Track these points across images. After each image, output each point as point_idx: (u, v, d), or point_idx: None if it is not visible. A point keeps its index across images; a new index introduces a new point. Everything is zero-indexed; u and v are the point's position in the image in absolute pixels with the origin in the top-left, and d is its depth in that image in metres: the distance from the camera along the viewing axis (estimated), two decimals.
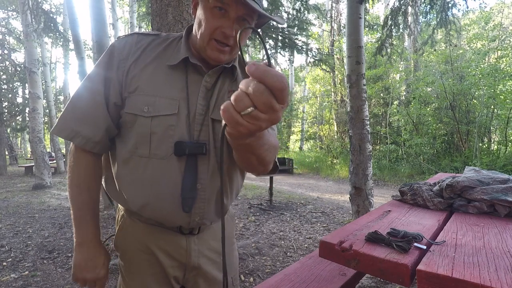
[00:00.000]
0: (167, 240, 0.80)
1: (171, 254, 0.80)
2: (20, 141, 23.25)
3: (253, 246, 3.26)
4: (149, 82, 0.73)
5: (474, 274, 0.73)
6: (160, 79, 0.74)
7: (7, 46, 12.69)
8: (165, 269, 0.81)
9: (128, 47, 0.75)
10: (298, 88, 23.41)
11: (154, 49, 0.77)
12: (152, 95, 0.73)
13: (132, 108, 0.73)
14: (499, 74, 7.52)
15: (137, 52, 0.75)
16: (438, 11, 4.46)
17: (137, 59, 0.75)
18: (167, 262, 0.80)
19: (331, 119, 13.62)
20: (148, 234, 0.80)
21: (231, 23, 0.69)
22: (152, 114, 0.72)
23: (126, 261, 0.83)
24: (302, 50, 6.15)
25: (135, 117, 0.72)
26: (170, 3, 2.39)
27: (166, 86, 0.74)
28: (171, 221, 0.78)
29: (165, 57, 0.76)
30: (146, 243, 0.80)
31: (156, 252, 0.80)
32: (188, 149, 0.72)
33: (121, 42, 0.76)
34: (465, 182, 1.44)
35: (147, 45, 0.77)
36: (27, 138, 18.59)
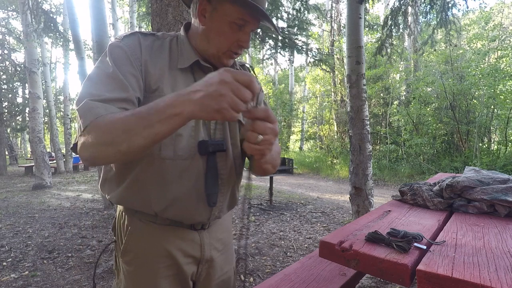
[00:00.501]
0: (182, 238, 0.81)
1: (187, 251, 0.82)
2: (20, 141, 23.25)
3: (253, 246, 3.26)
4: (168, 83, 0.74)
5: (474, 274, 0.73)
6: (175, 80, 0.75)
7: (7, 46, 12.70)
8: (183, 268, 0.81)
9: (137, 46, 0.73)
10: (298, 88, 23.41)
11: (160, 50, 0.77)
12: None
13: None
14: (499, 74, 7.52)
15: (147, 52, 0.74)
16: (438, 11, 4.46)
17: (150, 59, 0.74)
18: (183, 260, 0.81)
19: (331, 119, 13.62)
20: (164, 235, 0.80)
21: (247, 37, 0.75)
22: None
23: (137, 265, 0.79)
24: (302, 50, 6.15)
25: None
26: (170, 3, 2.39)
27: (181, 87, 0.74)
28: (193, 218, 0.80)
29: (173, 59, 0.77)
30: (163, 245, 0.79)
31: (174, 252, 0.80)
32: (211, 147, 0.76)
33: (129, 41, 0.73)
34: (465, 182, 1.44)
35: (152, 45, 0.76)
36: (27, 138, 18.59)
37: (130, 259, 0.79)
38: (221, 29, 0.74)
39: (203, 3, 0.74)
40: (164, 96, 0.58)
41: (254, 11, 0.72)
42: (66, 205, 5.41)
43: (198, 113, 0.54)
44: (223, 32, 0.74)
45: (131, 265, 0.79)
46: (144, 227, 0.79)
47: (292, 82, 17.06)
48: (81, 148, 0.61)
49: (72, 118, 12.90)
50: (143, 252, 0.79)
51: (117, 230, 0.84)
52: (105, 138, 0.58)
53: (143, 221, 0.79)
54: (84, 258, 2.96)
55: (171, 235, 0.80)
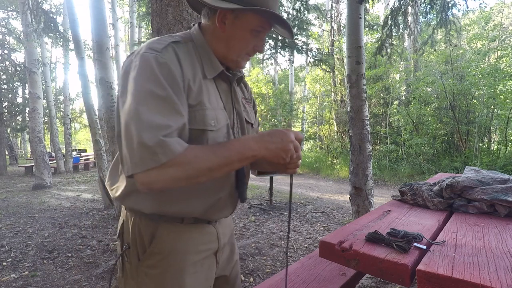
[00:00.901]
0: (204, 233, 0.86)
1: (208, 245, 0.87)
2: (20, 141, 23.24)
3: (253, 246, 3.26)
4: (206, 95, 0.76)
5: (474, 274, 0.73)
6: (208, 91, 0.78)
7: (7, 46, 12.69)
8: (206, 262, 0.86)
9: (176, 60, 0.72)
10: (298, 88, 23.40)
11: (190, 58, 0.77)
12: (212, 109, 0.77)
13: (200, 123, 0.74)
14: (499, 74, 7.52)
15: (186, 64, 0.74)
16: (438, 11, 4.46)
17: (188, 71, 0.74)
18: (206, 253, 0.86)
19: (331, 119, 13.62)
20: (190, 233, 0.83)
21: (263, 42, 0.84)
22: (218, 127, 0.77)
23: (163, 267, 0.79)
24: (302, 50, 6.15)
25: (203, 132, 0.74)
26: (170, 3, 2.39)
27: (213, 97, 0.79)
28: (223, 215, 0.88)
29: (200, 68, 0.79)
30: (190, 242, 0.82)
31: (200, 248, 0.84)
32: None
33: (169, 56, 0.72)
34: (465, 182, 1.44)
35: (185, 55, 0.76)
36: (27, 138, 18.58)
37: (156, 262, 0.79)
38: (242, 36, 0.79)
39: (224, 13, 0.77)
40: (240, 138, 0.74)
41: (272, 18, 0.79)
42: (66, 205, 5.41)
43: (269, 157, 0.72)
44: (244, 39, 0.80)
45: (157, 267, 0.79)
46: (171, 228, 0.80)
47: (292, 82, 17.05)
48: (156, 180, 0.65)
49: (72, 118, 12.89)
50: (171, 252, 0.79)
51: (132, 237, 0.81)
52: (190, 173, 0.66)
53: (169, 223, 0.80)
54: (84, 258, 2.96)
55: (195, 232, 0.83)
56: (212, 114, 0.76)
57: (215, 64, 0.81)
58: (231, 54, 0.81)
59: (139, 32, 11.31)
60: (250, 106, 0.98)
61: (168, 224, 0.80)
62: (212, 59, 0.81)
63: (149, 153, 0.62)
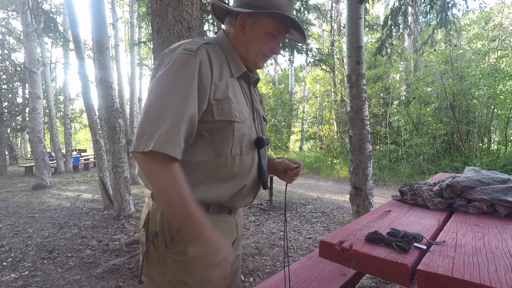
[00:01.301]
0: (226, 221, 0.94)
1: (229, 234, 0.94)
2: (20, 141, 23.23)
3: (253, 246, 3.26)
4: (232, 91, 0.87)
5: (474, 274, 0.73)
6: (234, 88, 0.89)
7: (7, 46, 12.69)
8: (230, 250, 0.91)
9: (207, 61, 0.82)
10: (298, 88, 23.39)
11: (219, 58, 0.87)
12: (238, 103, 0.87)
13: (227, 115, 0.83)
14: (499, 74, 7.51)
15: (216, 64, 0.84)
16: (438, 11, 4.46)
17: (218, 70, 0.84)
18: (230, 244, 0.92)
19: (331, 119, 13.61)
20: (214, 221, 0.86)
21: (279, 44, 0.94)
22: (242, 119, 0.87)
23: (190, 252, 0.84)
24: (302, 50, 6.15)
25: (230, 123, 0.84)
26: (170, 3, 2.39)
27: (238, 93, 0.90)
28: (247, 203, 0.96)
29: (227, 67, 0.89)
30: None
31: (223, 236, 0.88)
32: (265, 141, 0.94)
33: (203, 55, 0.81)
34: (465, 182, 1.44)
35: (214, 55, 0.86)
36: (27, 138, 18.57)
37: (183, 248, 0.84)
38: (260, 38, 0.90)
39: (244, 16, 0.88)
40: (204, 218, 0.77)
41: (287, 23, 0.89)
42: (66, 205, 5.41)
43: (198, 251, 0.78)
44: (261, 41, 0.90)
45: (184, 254, 0.84)
46: None
47: (292, 82, 17.05)
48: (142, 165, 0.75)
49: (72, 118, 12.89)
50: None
51: (160, 226, 0.86)
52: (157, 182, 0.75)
53: None
54: (84, 258, 2.96)
55: (219, 221, 0.90)
56: (237, 108, 0.86)
57: (240, 64, 0.92)
58: (250, 55, 0.91)
59: (139, 32, 11.30)
60: (263, 106, 1.11)
61: None
62: (237, 60, 0.92)
63: (149, 141, 0.71)
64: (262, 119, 1.03)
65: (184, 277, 0.85)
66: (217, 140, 0.84)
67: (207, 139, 0.84)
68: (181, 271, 0.85)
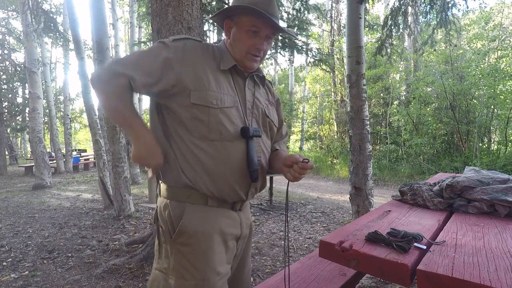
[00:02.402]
0: (228, 216, 0.98)
1: (232, 228, 0.98)
2: (20, 141, 23.23)
3: (253, 246, 3.26)
4: (213, 81, 0.94)
5: (474, 274, 0.73)
6: (219, 79, 0.96)
7: (7, 46, 12.69)
8: (229, 244, 0.97)
9: (182, 49, 0.94)
10: (298, 88, 23.39)
11: (204, 53, 0.97)
12: (219, 92, 0.94)
13: (203, 101, 0.91)
14: (499, 74, 7.51)
15: (193, 54, 0.95)
16: (438, 11, 4.46)
17: (196, 62, 0.94)
18: (230, 236, 0.97)
19: (331, 119, 13.61)
20: (215, 214, 0.95)
21: (262, 41, 0.97)
22: (220, 106, 0.92)
23: (192, 244, 0.91)
24: (302, 50, 6.15)
25: (206, 108, 0.91)
26: (170, 3, 2.39)
27: (224, 85, 0.96)
28: (237, 194, 0.97)
29: (216, 62, 0.98)
30: (215, 223, 0.94)
31: (224, 228, 0.95)
32: (252, 132, 0.95)
33: (177, 44, 0.94)
34: (465, 182, 1.44)
35: (198, 48, 0.96)
36: (27, 138, 18.57)
37: (185, 240, 0.91)
38: (240, 37, 0.96)
39: (228, 22, 0.99)
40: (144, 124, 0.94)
41: (263, 19, 0.92)
42: (66, 205, 5.41)
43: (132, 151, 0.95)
44: (241, 39, 0.96)
45: (188, 245, 0.91)
46: (197, 208, 0.94)
47: (292, 82, 17.05)
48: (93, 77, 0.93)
49: (72, 118, 12.89)
50: (198, 231, 0.91)
51: (165, 218, 0.94)
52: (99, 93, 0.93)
53: (195, 204, 0.94)
54: (84, 258, 2.96)
55: (219, 215, 0.96)
56: (215, 95, 0.92)
57: (230, 60, 0.99)
58: (236, 54, 0.98)
59: (139, 32, 11.30)
60: (272, 107, 1.13)
61: (193, 205, 0.93)
62: (228, 57, 0.99)
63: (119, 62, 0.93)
64: (265, 115, 1.06)
65: (188, 265, 0.90)
66: (197, 122, 0.92)
67: (186, 126, 0.93)
68: (185, 261, 0.91)
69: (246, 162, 0.95)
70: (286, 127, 1.29)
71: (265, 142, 1.06)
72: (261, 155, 1.02)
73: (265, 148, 1.05)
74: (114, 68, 0.91)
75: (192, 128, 0.93)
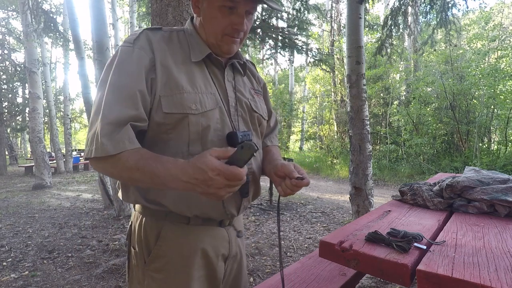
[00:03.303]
0: (213, 236, 0.81)
1: (218, 248, 0.82)
2: (20, 141, 23.24)
3: (253, 246, 3.26)
4: (185, 78, 0.74)
5: (474, 274, 0.73)
6: (192, 74, 0.76)
7: (7, 46, 12.69)
8: (214, 267, 0.81)
9: (148, 47, 0.74)
10: (298, 88, 23.40)
11: (169, 44, 0.77)
12: (196, 92, 0.74)
13: (179, 107, 0.71)
14: (499, 74, 7.52)
15: (159, 48, 0.74)
16: (438, 11, 4.46)
17: (163, 56, 0.74)
18: (215, 258, 0.81)
19: (331, 119, 13.62)
20: (198, 234, 0.79)
21: (241, 19, 0.74)
22: (201, 111, 0.73)
23: (169, 270, 0.76)
24: (302, 50, 6.14)
25: (184, 116, 0.71)
26: (170, 3, 2.39)
27: (199, 81, 0.76)
28: (226, 213, 0.80)
29: (184, 53, 0.78)
30: (198, 244, 0.78)
31: (208, 250, 0.79)
32: (240, 138, 0.76)
33: (140, 43, 0.73)
34: (465, 182, 1.44)
35: (161, 40, 0.77)
36: (27, 138, 18.58)
37: (161, 265, 0.76)
38: (212, 15, 0.74)
39: None
40: (177, 163, 0.63)
41: None
42: (66, 205, 5.41)
43: (189, 190, 0.63)
44: (215, 18, 0.74)
45: (162, 271, 0.76)
46: (178, 229, 0.77)
47: (292, 82, 17.05)
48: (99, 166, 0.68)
49: (72, 118, 12.89)
50: (177, 255, 0.76)
51: (137, 238, 0.79)
52: (123, 174, 0.67)
53: (175, 223, 0.77)
54: (84, 258, 2.96)
55: (203, 234, 0.79)
56: (193, 98, 0.73)
57: (202, 48, 0.79)
58: (209, 37, 0.78)
59: None
60: (259, 97, 0.94)
61: (173, 225, 0.76)
62: (200, 43, 0.79)
63: (99, 143, 0.64)
64: (252, 110, 0.86)
65: None
66: (172, 137, 0.73)
67: (163, 140, 0.74)
68: None
69: None
70: (275, 115, 1.09)
71: (256, 143, 0.85)
72: (252, 161, 0.85)
73: (258, 152, 0.89)
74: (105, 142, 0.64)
75: (165, 147, 0.73)
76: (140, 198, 0.76)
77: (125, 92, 0.68)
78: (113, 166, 0.66)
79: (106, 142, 0.63)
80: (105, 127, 0.64)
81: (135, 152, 0.65)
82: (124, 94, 0.68)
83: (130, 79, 0.69)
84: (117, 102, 0.67)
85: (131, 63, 0.71)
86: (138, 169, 0.63)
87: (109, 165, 0.66)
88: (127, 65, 0.70)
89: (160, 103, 0.71)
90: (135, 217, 0.82)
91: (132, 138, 0.66)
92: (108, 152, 0.63)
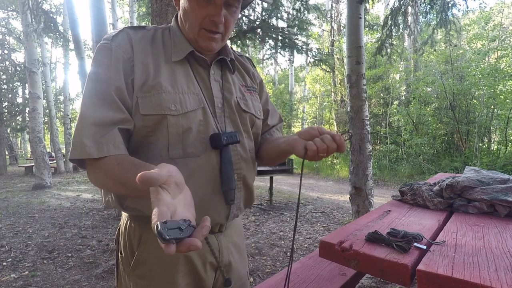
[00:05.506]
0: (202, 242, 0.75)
1: (205, 256, 0.77)
2: (20, 141, 23.25)
3: (253, 246, 3.26)
4: (166, 78, 0.70)
5: (474, 274, 0.73)
6: (174, 74, 0.72)
7: (7, 46, 12.69)
8: (201, 275, 0.76)
9: (128, 44, 0.71)
10: (298, 88, 23.41)
11: (152, 42, 0.74)
12: (176, 92, 0.70)
13: (157, 108, 0.67)
14: (499, 74, 7.52)
15: (139, 47, 0.71)
16: (438, 11, 4.46)
17: (143, 54, 0.71)
18: (202, 266, 0.76)
19: (331, 119, 13.62)
20: None
21: (219, 9, 0.68)
22: (181, 112, 0.69)
23: (152, 277, 0.73)
24: (302, 50, 6.14)
25: (163, 118, 0.68)
26: (170, 3, 2.39)
27: (181, 81, 0.72)
28: (212, 220, 0.73)
29: (167, 52, 0.74)
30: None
31: (193, 257, 0.74)
32: (225, 140, 0.72)
33: (118, 40, 0.70)
34: (465, 182, 1.44)
35: (143, 39, 0.73)
36: (27, 138, 18.58)
37: (144, 272, 0.73)
38: (189, 7, 0.70)
39: None
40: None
41: None
42: (66, 205, 5.41)
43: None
44: (192, 9, 0.70)
45: (145, 278, 0.73)
46: None
47: (292, 82, 17.06)
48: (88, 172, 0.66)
49: (72, 118, 12.90)
50: (160, 262, 0.72)
51: (123, 243, 0.76)
52: (105, 183, 0.64)
53: None
54: (84, 258, 2.96)
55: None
56: (173, 98, 0.69)
57: (185, 46, 0.74)
58: (189, 32, 0.73)
59: None
60: (253, 95, 0.87)
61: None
62: (182, 42, 0.75)
63: (83, 146, 0.61)
64: (241, 110, 0.81)
65: None
66: (153, 140, 0.69)
67: (144, 144, 0.70)
68: None
69: (220, 180, 0.73)
70: (279, 113, 1.04)
71: (246, 146, 0.81)
72: (242, 164, 0.79)
73: (246, 154, 0.81)
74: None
75: (147, 151, 0.69)
76: (118, 205, 0.72)
77: (102, 92, 0.66)
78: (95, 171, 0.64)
79: (90, 144, 0.61)
80: (87, 128, 0.62)
81: (117, 159, 0.62)
82: (101, 93, 0.66)
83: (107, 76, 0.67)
84: (96, 102, 0.65)
85: (109, 60, 0.68)
86: (119, 181, 0.60)
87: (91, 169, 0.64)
88: (104, 63, 0.68)
89: (138, 105, 0.67)
90: (122, 221, 0.78)
91: (118, 143, 0.63)
92: (90, 155, 0.61)
